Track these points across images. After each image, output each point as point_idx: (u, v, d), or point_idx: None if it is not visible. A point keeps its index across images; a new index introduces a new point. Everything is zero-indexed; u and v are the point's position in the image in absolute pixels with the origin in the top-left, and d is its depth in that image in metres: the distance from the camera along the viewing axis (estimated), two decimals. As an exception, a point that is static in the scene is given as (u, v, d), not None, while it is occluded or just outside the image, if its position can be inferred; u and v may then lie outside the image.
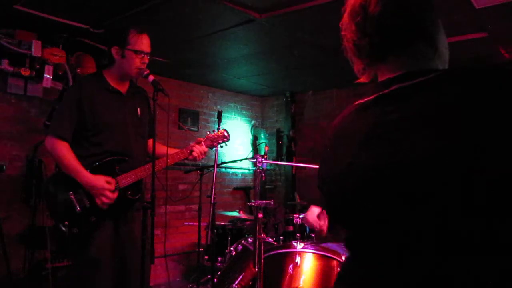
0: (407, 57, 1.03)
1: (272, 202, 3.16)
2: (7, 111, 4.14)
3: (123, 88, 2.81)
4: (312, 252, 3.31)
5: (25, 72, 3.79)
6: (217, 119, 3.38)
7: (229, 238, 4.79)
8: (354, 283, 1.03)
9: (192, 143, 2.94)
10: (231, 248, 4.57)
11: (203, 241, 4.98)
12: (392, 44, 1.03)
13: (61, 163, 2.62)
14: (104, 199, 2.60)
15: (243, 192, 6.75)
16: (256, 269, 3.19)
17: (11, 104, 4.15)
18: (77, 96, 2.66)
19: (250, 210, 5.91)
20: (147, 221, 2.53)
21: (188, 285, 4.89)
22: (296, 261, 3.25)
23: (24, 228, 4.12)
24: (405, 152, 0.89)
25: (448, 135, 0.84)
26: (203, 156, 2.92)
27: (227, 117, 6.60)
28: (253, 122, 7.02)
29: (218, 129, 3.09)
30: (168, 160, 2.75)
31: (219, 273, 4.02)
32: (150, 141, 2.91)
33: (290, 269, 3.25)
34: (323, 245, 3.84)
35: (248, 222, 5.17)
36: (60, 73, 3.99)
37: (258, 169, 3.05)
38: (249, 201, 6.73)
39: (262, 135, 6.82)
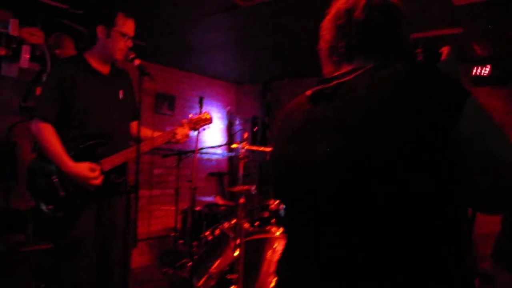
0: (372, 60, 1.10)
1: (253, 188, 3.21)
2: (-19, 91, 4.04)
3: (105, 69, 2.79)
4: (290, 238, 3.39)
5: (1, 51, 3.69)
6: (196, 104, 3.41)
7: (205, 222, 4.83)
8: (284, 253, 1.21)
9: (175, 126, 2.96)
10: (207, 233, 4.61)
11: (178, 226, 5.01)
12: (366, 47, 1.12)
13: (46, 148, 2.57)
14: (89, 187, 2.60)
15: (217, 178, 6.78)
16: (235, 254, 3.24)
17: (-15, 84, 4.04)
18: (59, 78, 2.62)
19: (224, 196, 5.96)
20: (131, 205, 2.55)
21: (163, 269, 4.91)
22: (274, 246, 3.32)
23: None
24: (312, 152, 1.03)
25: (347, 139, 0.97)
26: (186, 139, 2.95)
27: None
28: (228, 108, 7.03)
29: (200, 111, 3.11)
30: (152, 143, 2.76)
31: (195, 257, 4.05)
32: (133, 124, 2.92)
33: (269, 254, 3.33)
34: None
35: (222, 208, 5.22)
36: (38, 53, 3.90)
37: (242, 155, 3.09)
38: (223, 187, 6.77)
39: (237, 122, 6.84)
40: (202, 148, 3.30)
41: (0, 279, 3.31)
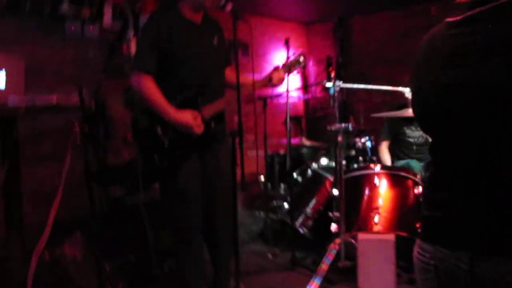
0: None
1: (350, 125, 3.17)
2: (67, 55, 4.15)
3: (198, 19, 2.78)
4: (390, 173, 3.34)
5: (86, 12, 3.74)
6: (268, 50, 3.35)
7: (291, 164, 4.83)
8: (437, 184, 1.16)
9: (270, 71, 2.94)
10: (295, 174, 4.65)
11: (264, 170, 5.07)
12: None
13: (148, 99, 2.63)
14: (193, 134, 2.65)
15: (295, 121, 6.75)
16: (334, 193, 3.24)
17: (70, 47, 4.14)
18: (155, 30, 2.64)
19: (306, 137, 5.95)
20: (235, 151, 2.58)
21: (255, 213, 5.01)
22: (374, 182, 3.29)
23: (95, 167, 4.24)
24: (475, 76, 1.00)
25: None
26: (282, 83, 2.93)
27: (274, 46, 6.47)
28: (300, 50, 6.90)
29: (293, 54, 3.06)
30: (250, 89, 2.75)
31: (289, 199, 4.11)
32: (228, 70, 2.93)
33: (369, 190, 3.31)
34: (399, 166, 3.86)
35: (306, 148, 5.23)
36: (119, 12, 3.94)
37: (336, 93, 3.03)
38: (301, 129, 6.76)
39: (310, 63, 6.73)
40: (290, 91, 3.32)
41: (112, 229, 3.51)
